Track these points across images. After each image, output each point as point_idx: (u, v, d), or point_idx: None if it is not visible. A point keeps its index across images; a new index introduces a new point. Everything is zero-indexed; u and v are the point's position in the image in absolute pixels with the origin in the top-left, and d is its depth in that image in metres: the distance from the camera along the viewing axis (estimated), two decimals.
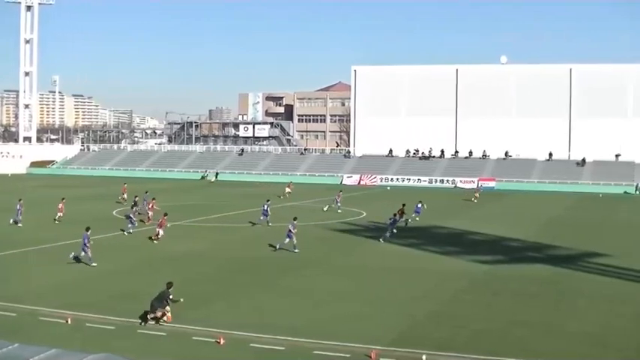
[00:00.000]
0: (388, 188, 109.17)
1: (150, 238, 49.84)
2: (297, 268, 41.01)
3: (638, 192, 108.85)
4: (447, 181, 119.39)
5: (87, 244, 40.29)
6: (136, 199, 65.00)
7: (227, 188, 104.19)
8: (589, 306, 32.75)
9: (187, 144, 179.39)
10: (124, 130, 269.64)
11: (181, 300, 28.59)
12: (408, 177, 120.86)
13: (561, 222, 68.35)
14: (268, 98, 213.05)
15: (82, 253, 40.52)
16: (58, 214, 60.42)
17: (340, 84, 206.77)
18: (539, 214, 73.19)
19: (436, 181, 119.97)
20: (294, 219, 48.17)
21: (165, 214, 52.74)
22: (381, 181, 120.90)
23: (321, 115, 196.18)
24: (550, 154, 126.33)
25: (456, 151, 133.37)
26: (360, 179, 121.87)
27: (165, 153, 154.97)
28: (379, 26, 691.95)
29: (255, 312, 30.04)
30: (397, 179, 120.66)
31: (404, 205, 61.55)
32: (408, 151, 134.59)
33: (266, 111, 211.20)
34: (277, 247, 46.84)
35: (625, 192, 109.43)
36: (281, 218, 57.72)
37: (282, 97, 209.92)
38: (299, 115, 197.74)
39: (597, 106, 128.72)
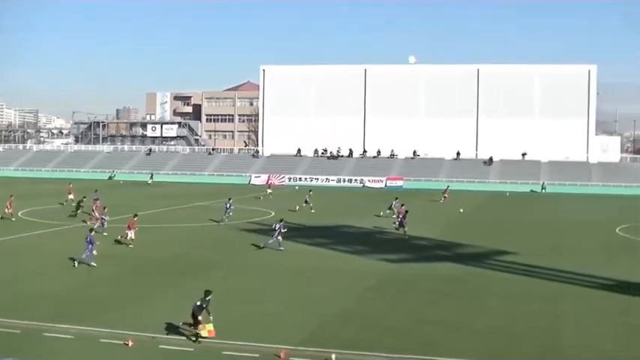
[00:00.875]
0: (296, 188, 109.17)
1: (117, 240, 48.72)
2: (207, 268, 40.72)
3: (544, 190, 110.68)
4: (356, 180, 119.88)
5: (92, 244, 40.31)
6: (84, 198, 64.63)
7: (136, 188, 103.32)
8: (498, 304, 33.14)
9: (94, 144, 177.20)
10: (29, 130, 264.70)
11: (210, 317, 26.97)
12: (317, 176, 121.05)
13: (469, 221, 69.11)
14: (176, 98, 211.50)
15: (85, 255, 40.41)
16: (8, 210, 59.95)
17: (249, 83, 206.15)
18: (447, 213, 73.90)
19: (344, 181, 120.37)
20: (281, 220, 49.07)
21: (135, 215, 51.78)
22: (290, 180, 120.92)
23: (229, 115, 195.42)
24: (458, 154, 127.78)
25: (364, 151, 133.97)
26: (269, 179, 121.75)
27: (72, 153, 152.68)
28: (288, 26, 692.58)
29: (164, 313, 29.70)
30: (306, 179, 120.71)
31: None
32: (316, 151, 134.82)
33: (174, 111, 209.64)
34: (262, 245, 47.59)
35: (531, 190, 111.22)
36: (186, 218, 57.37)
37: (191, 97, 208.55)
38: (207, 115, 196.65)
39: (504, 106, 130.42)
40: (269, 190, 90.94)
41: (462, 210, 76.53)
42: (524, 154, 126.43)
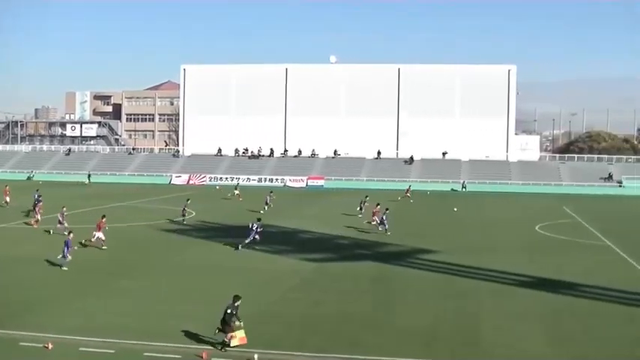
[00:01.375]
0: (217, 188, 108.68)
1: (81, 243, 47.28)
2: (129, 269, 40.29)
3: (464, 189, 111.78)
4: (277, 179, 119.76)
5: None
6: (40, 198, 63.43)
7: (59, 189, 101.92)
8: (419, 302, 33.33)
9: (12, 144, 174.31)
10: None
11: (237, 323, 26.31)
12: (238, 176, 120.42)
13: (390, 220, 69.39)
14: (96, 97, 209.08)
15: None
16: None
17: (169, 83, 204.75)
18: (367, 212, 74.11)
19: (266, 180, 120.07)
20: (259, 220, 49.93)
21: (103, 216, 50.92)
22: (210, 180, 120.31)
23: (149, 115, 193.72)
24: (379, 153, 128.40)
25: (286, 150, 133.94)
26: (190, 179, 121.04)
27: None
28: (209, 26, 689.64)
29: (85, 315, 29.31)
30: (227, 178, 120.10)
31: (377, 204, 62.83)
32: (237, 150, 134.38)
33: (94, 110, 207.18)
34: (239, 247, 47.60)
35: (452, 189, 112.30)
36: (119, 218, 56.56)
37: (111, 96, 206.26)
38: (127, 115, 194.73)
39: (425, 106, 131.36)
40: (236, 192, 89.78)
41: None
42: (444, 153, 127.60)
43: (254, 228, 48.14)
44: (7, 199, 74.12)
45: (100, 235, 47.14)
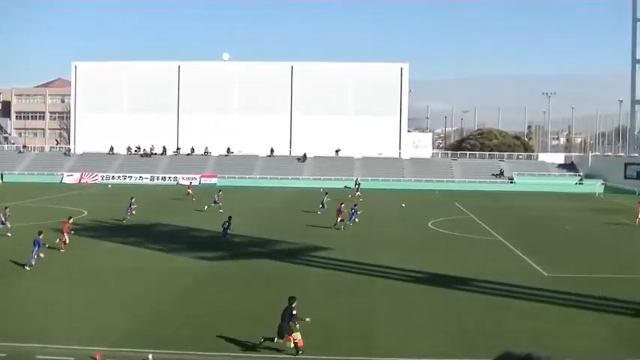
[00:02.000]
0: (109, 186, 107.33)
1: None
2: (18, 271, 39.44)
3: (357, 186, 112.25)
4: (169, 178, 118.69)
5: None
6: None
7: None
8: (314, 299, 33.36)
9: None
10: None
11: (308, 320, 26.30)
12: (130, 174, 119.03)
13: (284, 217, 69.42)
14: None
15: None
16: None
17: (60, 80, 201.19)
18: (260, 210, 73.95)
19: (158, 179, 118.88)
20: (230, 217, 51.17)
21: (70, 218, 49.46)
22: (103, 179, 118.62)
23: (40, 112, 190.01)
24: (272, 150, 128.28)
25: (178, 148, 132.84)
26: (81, 177, 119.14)
27: None
28: (101, 22, 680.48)
29: None
30: (119, 177, 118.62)
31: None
32: (129, 149, 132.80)
33: None
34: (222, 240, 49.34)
35: (345, 187, 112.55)
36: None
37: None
38: (17, 112, 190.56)
39: (318, 103, 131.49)
40: (189, 191, 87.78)
41: (403, 205, 78.04)
42: (337, 151, 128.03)
43: (226, 226, 50.04)
44: None
45: (65, 237, 46.53)
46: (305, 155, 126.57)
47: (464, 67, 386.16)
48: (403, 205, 79.84)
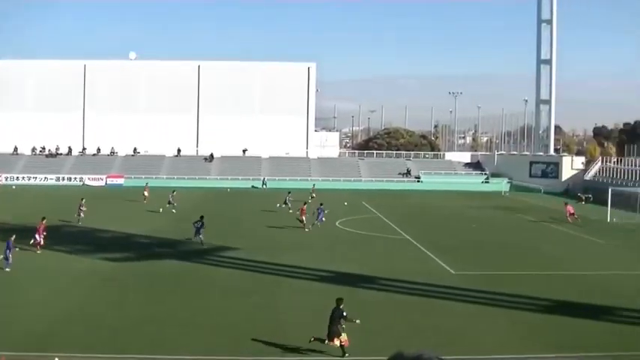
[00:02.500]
0: (14, 187, 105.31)
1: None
2: None
3: (264, 186, 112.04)
4: (75, 178, 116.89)
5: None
6: None
7: None
8: (220, 299, 33.20)
9: None
10: None
11: (357, 321, 26.20)
12: (35, 175, 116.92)
13: (191, 217, 68.70)
14: None
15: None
16: None
17: None
18: (166, 211, 73.13)
19: (64, 179, 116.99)
20: (202, 217, 51.34)
21: (43, 218, 48.09)
22: (7, 180, 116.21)
23: None
24: (179, 150, 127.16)
25: (84, 148, 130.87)
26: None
27: None
28: (3, 18, 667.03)
29: None
30: (23, 178, 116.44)
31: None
32: (34, 149, 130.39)
33: None
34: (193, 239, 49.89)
35: (252, 186, 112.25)
36: None
37: None
38: None
39: (225, 103, 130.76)
40: (145, 193, 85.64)
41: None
42: (244, 151, 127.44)
43: (199, 226, 50.32)
44: None
45: (39, 238, 45.98)
46: (212, 155, 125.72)
47: (371, 66, 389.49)
48: (345, 203, 79.94)
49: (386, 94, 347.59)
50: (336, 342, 25.64)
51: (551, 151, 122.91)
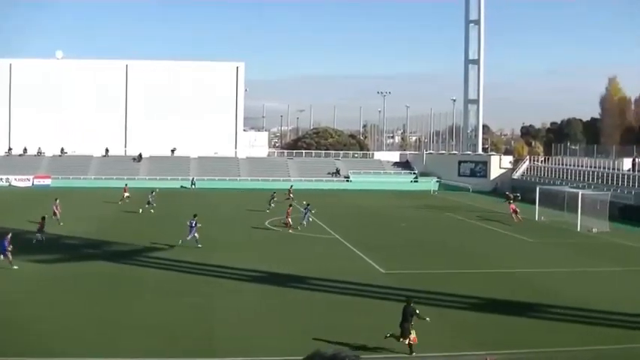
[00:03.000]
0: None
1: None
2: None
3: (193, 186, 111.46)
4: (1, 179, 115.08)
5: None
6: None
7: None
8: (153, 300, 33.00)
9: None
10: None
11: (428, 319, 26.58)
12: None
13: (119, 218, 68.24)
14: None
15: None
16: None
17: None
18: (93, 212, 72.30)
19: None
20: (195, 216, 50.72)
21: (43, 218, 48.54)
22: None
23: None
24: (107, 150, 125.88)
25: (10, 148, 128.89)
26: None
27: None
28: None
29: None
30: None
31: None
32: None
33: None
34: (180, 242, 48.87)
35: (181, 186, 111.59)
36: None
37: None
38: None
39: (154, 102, 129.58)
40: (126, 194, 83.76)
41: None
42: (173, 150, 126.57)
43: (193, 224, 49.52)
44: None
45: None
46: (140, 155, 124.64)
47: (299, 66, 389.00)
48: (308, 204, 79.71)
49: (315, 93, 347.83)
50: (411, 336, 26.03)
51: (480, 151, 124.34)
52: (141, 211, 70.80)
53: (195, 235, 49.16)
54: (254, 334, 27.75)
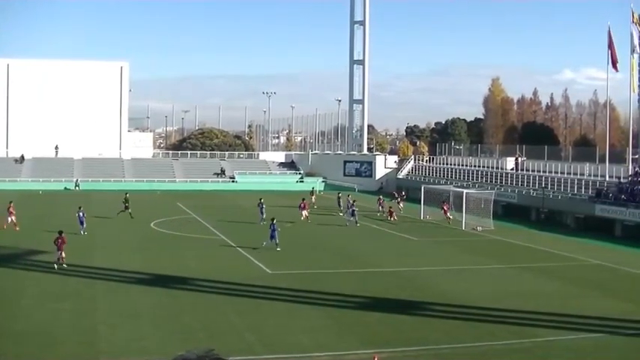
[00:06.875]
0: None
1: None
2: None
3: (77, 188, 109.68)
4: None
5: None
6: None
7: None
8: (33, 304, 32.31)
9: None
10: None
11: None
12: None
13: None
14: None
15: None
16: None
17: None
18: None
19: None
20: (273, 219, 52.59)
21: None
22: None
23: None
24: None
25: None
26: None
27: None
28: None
29: None
30: None
31: None
32: None
33: None
34: (264, 244, 49.81)
35: (65, 188, 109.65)
36: None
37: None
38: None
39: (37, 102, 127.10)
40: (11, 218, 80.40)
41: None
42: (56, 148, 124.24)
43: (273, 227, 50.60)
44: None
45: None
46: (23, 156, 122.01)
47: (184, 66, 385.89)
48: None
49: (199, 94, 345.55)
50: None
51: (365, 151, 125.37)
52: (118, 214, 68.59)
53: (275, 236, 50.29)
54: (136, 335, 27.45)
